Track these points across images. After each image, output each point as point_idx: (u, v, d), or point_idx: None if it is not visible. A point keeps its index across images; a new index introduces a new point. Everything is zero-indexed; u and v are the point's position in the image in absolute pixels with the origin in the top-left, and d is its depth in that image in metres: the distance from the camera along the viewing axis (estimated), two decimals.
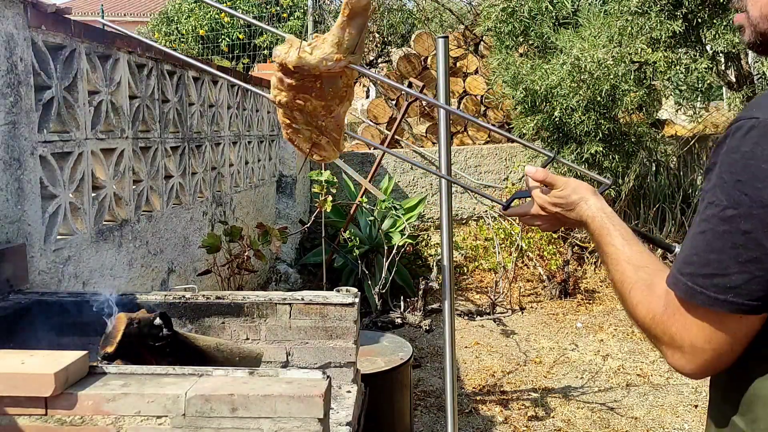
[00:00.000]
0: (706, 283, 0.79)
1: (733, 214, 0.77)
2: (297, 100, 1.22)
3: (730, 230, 0.77)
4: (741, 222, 0.76)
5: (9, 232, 1.85)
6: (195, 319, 1.80)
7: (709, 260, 0.79)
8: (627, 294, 0.92)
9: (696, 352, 0.82)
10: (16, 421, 1.14)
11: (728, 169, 0.78)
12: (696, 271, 0.80)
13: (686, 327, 0.82)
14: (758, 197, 0.75)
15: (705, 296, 0.79)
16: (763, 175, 0.74)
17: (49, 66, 2.07)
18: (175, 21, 9.68)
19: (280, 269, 5.19)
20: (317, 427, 1.16)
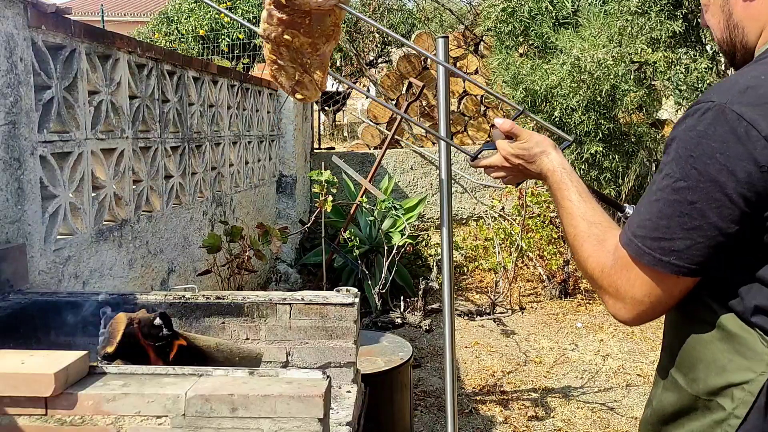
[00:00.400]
0: (654, 246, 0.87)
1: (683, 185, 0.85)
2: (285, 35, 1.25)
3: (679, 200, 0.85)
4: (689, 193, 0.84)
5: (9, 232, 1.85)
6: (195, 319, 1.80)
7: (659, 225, 0.87)
8: (579, 247, 0.99)
9: (635, 303, 0.92)
10: (16, 421, 1.14)
11: (684, 145, 0.85)
12: (647, 234, 0.88)
13: (630, 282, 0.91)
14: (706, 172, 0.82)
15: (651, 257, 0.88)
16: (711, 152, 0.82)
17: (49, 66, 2.07)
18: (175, 21, 9.68)
19: (280, 269, 5.19)
20: (317, 427, 1.16)
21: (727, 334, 0.90)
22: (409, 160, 6.31)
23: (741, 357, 0.88)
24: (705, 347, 0.92)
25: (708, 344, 0.92)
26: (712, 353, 0.91)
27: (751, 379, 0.87)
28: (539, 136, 1.20)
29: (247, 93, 4.53)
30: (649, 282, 0.90)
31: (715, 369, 0.91)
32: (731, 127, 0.82)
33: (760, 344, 0.87)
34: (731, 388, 0.89)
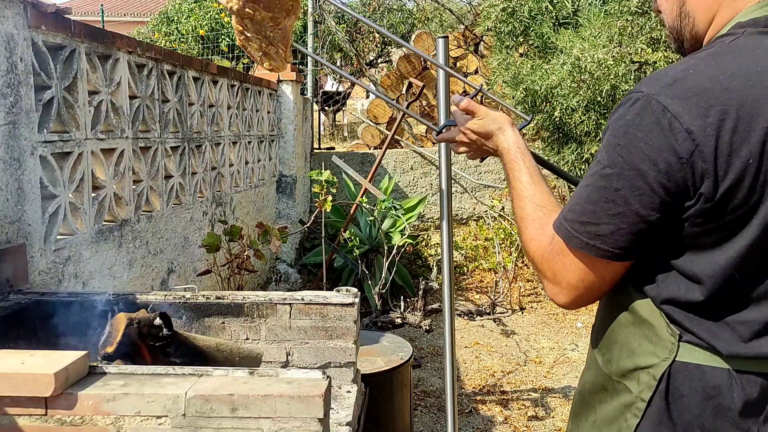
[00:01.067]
0: (581, 230, 0.90)
1: (609, 172, 0.87)
2: (246, 8, 1.31)
3: (605, 186, 0.88)
4: (615, 180, 0.87)
5: (9, 232, 1.85)
6: (195, 319, 1.80)
7: (586, 210, 0.90)
8: (525, 229, 1.02)
9: (571, 288, 0.94)
10: (16, 421, 1.14)
11: (613, 133, 0.88)
12: (575, 218, 0.91)
13: (566, 267, 0.93)
14: (631, 161, 0.85)
15: (579, 240, 0.91)
16: (636, 141, 0.84)
17: (49, 66, 2.07)
18: (175, 21, 9.68)
19: (280, 269, 5.19)
20: (317, 427, 1.16)
21: (639, 319, 0.93)
22: (409, 160, 6.31)
23: (649, 342, 0.92)
24: (621, 330, 0.96)
25: (623, 327, 0.96)
26: (626, 336, 0.96)
27: (655, 363, 0.91)
28: (496, 114, 1.21)
29: (247, 93, 4.53)
30: (582, 267, 0.92)
31: (627, 351, 0.95)
32: (656, 118, 0.83)
33: (666, 331, 0.90)
34: (638, 371, 0.93)
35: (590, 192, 0.90)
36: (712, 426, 0.90)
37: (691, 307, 0.90)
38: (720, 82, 0.83)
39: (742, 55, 0.86)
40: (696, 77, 0.84)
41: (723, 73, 0.83)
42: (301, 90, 5.91)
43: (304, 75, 6.54)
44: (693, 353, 0.90)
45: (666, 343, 0.91)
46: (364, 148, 6.77)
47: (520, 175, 1.08)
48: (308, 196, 6.12)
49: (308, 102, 6.37)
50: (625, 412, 0.95)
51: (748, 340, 0.88)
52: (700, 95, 0.82)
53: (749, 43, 0.87)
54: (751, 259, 0.86)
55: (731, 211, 0.84)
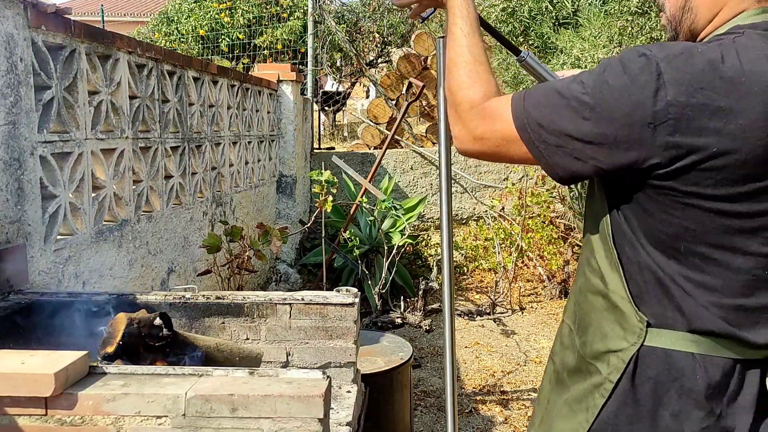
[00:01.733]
0: (535, 128, 0.95)
1: (586, 100, 0.91)
2: None
3: (576, 108, 0.91)
4: (587, 111, 0.90)
5: (9, 232, 1.85)
6: (195, 319, 1.80)
7: (549, 116, 0.94)
8: (457, 72, 1.05)
9: (483, 144, 1.01)
10: (16, 421, 1.14)
11: (610, 71, 0.91)
12: (536, 116, 0.95)
13: (491, 130, 1.00)
14: (608, 102, 0.89)
15: (528, 135, 0.95)
16: (624, 90, 0.88)
17: (49, 66, 2.07)
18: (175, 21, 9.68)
19: (280, 269, 5.19)
20: (317, 427, 1.16)
21: (612, 305, 0.99)
22: (409, 160, 6.31)
23: (620, 327, 0.97)
24: (596, 314, 1.02)
25: (598, 312, 1.01)
26: (599, 321, 1.01)
27: (625, 347, 0.96)
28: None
29: (247, 93, 4.53)
30: (509, 141, 0.98)
31: (600, 335, 1.00)
32: (650, 79, 0.87)
33: (635, 317, 0.96)
34: (609, 354, 0.98)
35: (561, 105, 0.93)
36: (677, 407, 0.94)
37: (660, 282, 0.95)
38: (718, 69, 0.86)
39: (742, 53, 0.88)
40: (700, 58, 0.87)
41: (722, 64, 0.87)
42: (301, 90, 5.91)
43: (304, 75, 6.54)
44: (660, 338, 0.95)
45: (635, 329, 0.96)
46: (364, 148, 6.77)
47: (461, 23, 1.10)
48: (308, 196, 6.12)
49: (308, 102, 6.37)
50: (594, 391, 1.00)
51: (715, 320, 0.93)
52: (696, 75, 0.86)
53: (751, 43, 0.90)
54: (703, 236, 0.91)
55: (677, 188, 0.89)
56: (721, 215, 0.90)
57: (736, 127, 0.85)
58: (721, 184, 0.88)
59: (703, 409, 0.93)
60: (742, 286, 0.93)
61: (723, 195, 0.89)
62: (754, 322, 0.93)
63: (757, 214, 0.90)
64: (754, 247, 0.92)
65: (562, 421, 1.04)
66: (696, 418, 0.93)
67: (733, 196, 0.89)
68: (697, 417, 0.93)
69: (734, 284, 0.93)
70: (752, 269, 0.92)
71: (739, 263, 0.92)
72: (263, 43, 8.98)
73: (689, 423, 0.94)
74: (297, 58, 8.70)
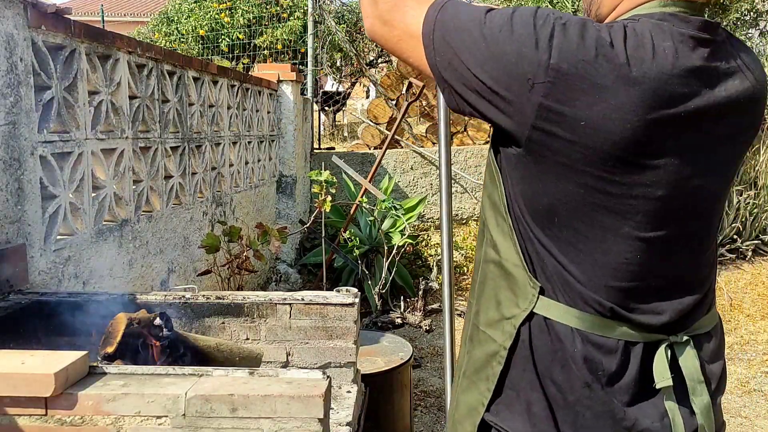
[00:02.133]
0: (440, 40, 0.95)
1: (485, 33, 0.92)
2: None
3: (476, 38, 0.92)
4: (482, 42, 0.92)
5: (9, 232, 1.85)
6: (195, 319, 1.80)
7: (457, 34, 0.94)
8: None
9: (386, 27, 1.02)
10: (16, 421, 1.15)
11: (516, 14, 0.92)
12: (445, 29, 0.95)
13: (402, 19, 1.00)
14: (500, 43, 0.90)
15: (429, 41, 0.96)
16: (517, 37, 0.90)
17: (49, 66, 2.07)
18: (175, 21, 9.68)
19: (280, 269, 5.19)
20: (317, 427, 1.16)
21: (506, 273, 1.00)
22: (409, 160, 6.31)
23: (512, 294, 0.99)
24: (490, 282, 1.03)
25: (492, 280, 1.03)
26: (494, 288, 1.02)
27: (516, 314, 0.98)
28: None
29: (247, 93, 4.53)
30: (412, 38, 0.98)
31: (494, 303, 1.02)
32: (544, 38, 0.89)
33: (528, 284, 0.97)
34: (502, 321, 1.00)
35: (466, 30, 0.94)
36: (560, 377, 0.96)
37: (539, 255, 0.97)
38: (604, 48, 0.89)
39: (630, 38, 0.92)
40: (592, 33, 0.90)
41: (609, 44, 0.90)
42: (301, 90, 5.91)
43: (304, 75, 6.54)
44: (549, 308, 0.97)
45: (527, 295, 0.97)
46: (364, 148, 6.77)
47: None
48: (308, 196, 6.12)
49: (308, 102, 6.37)
50: (491, 360, 1.01)
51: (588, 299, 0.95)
52: (583, 49, 0.89)
53: (641, 29, 0.94)
54: (574, 211, 0.93)
55: (549, 157, 0.91)
56: (591, 192, 0.92)
57: (608, 107, 0.87)
58: (592, 160, 0.90)
59: (583, 382, 0.95)
60: (614, 268, 0.94)
61: (593, 173, 0.90)
62: (632, 305, 0.96)
63: (627, 196, 0.92)
64: (626, 230, 0.93)
65: (465, 395, 1.06)
66: (576, 389, 0.96)
67: (603, 175, 0.90)
68: (578, 389, 0.96)
69: (607, 265, 0.94)
70: (624, 252, 0.94)
71: (610, 245, 0.94)
72: (263, 43, 8.98)
73: (571, 393, 0.96)
74: (297, 58, 8.70)
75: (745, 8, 4.83)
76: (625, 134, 0.88)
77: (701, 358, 1.01)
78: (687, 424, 0.98)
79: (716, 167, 0.97)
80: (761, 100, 1.00)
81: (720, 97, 0.93)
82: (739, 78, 0.96)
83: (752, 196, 5.35)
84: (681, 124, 0.91)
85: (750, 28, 5.14)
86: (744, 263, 5.30)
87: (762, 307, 4.61)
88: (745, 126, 0.99)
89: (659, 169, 0.91)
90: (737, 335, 4.23)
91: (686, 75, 0.91)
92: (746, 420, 3.23)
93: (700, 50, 0.93)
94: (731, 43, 0.99)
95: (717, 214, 1.03)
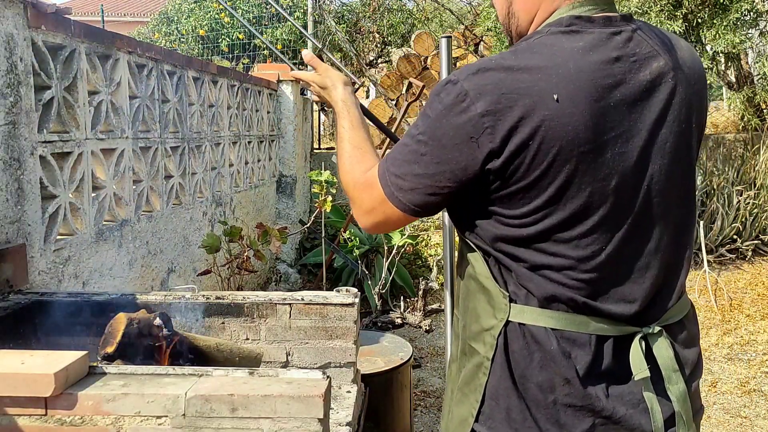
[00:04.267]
0: (393, 181, 1.05)
1: (421, 139, 1.00)
2: None
3: (416, 150, 1.01)
4: (422, 147, 1.00)
5: (9, 232, 1.85)
6: (195, 319, 1.80)
7: (398, 164, 1.04)
8: (342, 163, 1.20)
9: (372, 216, 1.11)
10: (16, 421, 1.14)
11: (429, 106, 1.01)
12: (393, 170, 1.05)
13: (374, 198, 1.09)
14: (435, 133, 0.98)
15: (389, 189, 1.06)
16: (443, 118, 0.97)
17: (49, 66, 2.07)
18: (175, 21, 9.69)
19: (280, 269, 5.19)
20: (317, 427, 1.16)
21: (482, 287, 1.07)
22: None
23: (490, 306, 1.05)
24: (471, 297, 1.10)
25: (472, 295, 1.09)
26: (474, 303, 1.08)
27: (494, 324, 1.04)
28: (334, 73, 1.39)
29: (247, 93, 4.53)
30: (385, 206, 1.08)
31: (475, 316, 1.08)
32: (459, 100, 0.96)
33: (500, 294, 1.03)
34: (483, 333, 1.06)
35: (405, 151, 1.03)
36: (539, 377, 1.01)
37: (505, 265, 1.04)
38: (514, 73, 0.95)
39: (538, 52, 0.97)
40: (496, 67, 0.96)
41: (519, 66, 0.95)
42: (301, 90, 5.91)
43: None
44: (522, 314, 1.02)
45: (501, 306, 1.03)
46: None
47: (344, 123, 1.27)
48: (308, 196, 6.12)
49: (308, 102, 6.37)
50: (477, 371, 1.07)
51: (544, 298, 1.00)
52: (496, 84, 0.94)
53: (548, 41, 0.99)
54: (543, 230, 0.98)
55: (515, 182, 0.97)
56: (538, 221, 0.98)
57: (538, 121, 0.93)
58: (545, 171, 0.95)
59: (563, 378, 1.00)
60: (582, 263, 0.99)
61: (551, 183, 0.96)
62: (604, 297, 1.00)
63: (584, 195, 0.97)
64: (589, 225, 0.98)
65: (458, 407, 1.12)
66: (557, 387, 1.00)
67: (562, 183, 0.96)
68: (558, 386, 1.00)
69: (576, 260, 0.99)
70: (590, 246, 0.98)
71: (576, 241, 0.99)
72: (263, 43, 8.98)
73: (552, 393, 1.00)
74: (297, 58, 8.69)
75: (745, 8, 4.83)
76: (568, 137, 0.93)
77: (675, 347, 1.05)
78: (664, 411, 1.02)
79: (663, 148, 1.01)
80: (689, 78, 1.05)
81: (644, 80, 0.98)
82: (659, 60, 1.01)
83: (752, 196, 5.35)
84: (614, 113, 0.96)
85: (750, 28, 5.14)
86: (744, 263, 5.30)
87: (762, 307, 4.61)
88: (680, 104, 1.03)
89: (607, 161, 0.96)
90: (737, 335, 4.23)
91: (605, 67, 0.96)
92: (746, 420, 3.23)
93: (613, 41, 0.99)
94: (644, 30, 1.04)
95: (680, 196, 1.06)
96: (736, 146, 6.27)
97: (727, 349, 4.06)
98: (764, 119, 6.24)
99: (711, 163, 5.78)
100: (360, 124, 1.27)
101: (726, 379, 3.67)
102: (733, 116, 7.33)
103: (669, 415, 1.03)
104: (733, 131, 7.02)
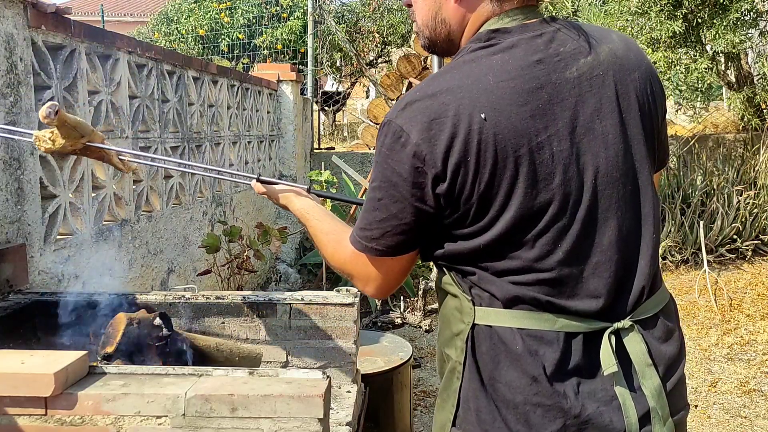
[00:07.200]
0: (362, 235, 1.08)
1: (375, 185, 1.04)
2: None
3: (374, 197, 1.05)
4: (378, 192, 1.03)
5: (9, 232, 1.85)
6: (195, 319, 1.80)
7: (364, 219, 1.07)
8: (325, 252, 1.24)
9: (370, 281, 1.12)
10: (16, 421, 1.15)
11: (378, 152, 1.03)
12: (360, 226, 1.08)
13: (363, 265, 1.11)
14: (385, 175, 1.01)
15: (361, 245, 1.08)
16: (387, 159, 1.01)
17: (49, 66, 2.07)
18: (175, 21, 9.69)
19: (280, 269, 5.19)
20: (317, 427, 1.16)
21: (451, 294, 1.09)
22: None
23: (458, 312, 1.07)
24: (444, 305, 1.12)
25: (444, 303, 1.12)
26: (446, 310, 1.11)
27: (463, 329, 1.06)
28: (285, 192, 1.45)
29: (247, 93, 4.53)
30: (371, 265, 1.10)
31: (447, 323, 1.10)
32: (396, 137, 0.99)
33: (466, 299, 1.05)
34: (454, 338, 1.08)
35: (366, 204, 1.07)
36: (507, 376, 1.01)
37: (465, 271, 1.06)
38: (438, 98, 0.98)
39: (458, 72, 1.00)
40: (421, 98, 0.99)
41: (441, 90, 0.98)
42: (300, 90, 5.91)
43: (304, 75, 6.54)
44: (488, 316, 1.03)
45: (468, 310, 1.05)
46: (364, 148, 6.77)
47: (310, 223, 1.31)
48: None
49: (308, 102, 6.37)
50: (452, 377, 1.08)
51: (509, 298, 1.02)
52: (423, 112, 0.98)
53: (468, 58, 1.02)
54: (496, 237, 1.00)
55: (465, 201, 0.98)
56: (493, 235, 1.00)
57: (468, 136, 0.95)
58: (486, 197, 0.97)
59: (530, 377, 1.00)
60: (542, 261, 1.00)
61: (489, 218, 0.99)
62: (567, 294, 1.00)
63: (534, 197, 0.98)
64: (543, 224, 0.99)
65: (438, 413, 1.13)
66: (525, 386, 1.01)
67: (515, 190, 0.97)
68: (526, 385, 1.00)
69: (535, 260, 1.00)
70: (547, 245, 0.99)
71: (533, 241, 1.00)
72: (263, 43, 8.98)
73: (520, 392, 1.01)
74: (297, 58, 8.70)
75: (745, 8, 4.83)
76: (500, 144, 0.96)
77: (648, 342, 1.04)
78: (639, 408, 1.01)
79: (605, 140, 1.01)
80: (624, 67, 1.04)
81: (572, 77, 0.99)
82: (586, 56, 1.02)
83: (752, 196, 5.35)
84: (545, 113, 0.97)
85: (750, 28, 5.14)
86: (744, 263, 5.30)
87: (762, 307, 4.61)
88: (617, 95, 1.02)
89: (547, 161, 0.97)
90: (737, 335, 4.23)
91: (526, 72, 0.97)
92: (746, 420, 3.23)
93: (533, 45, 1.00)
94: (568, 28, 1.05)
95: (635, 185, 1.05)
96: (736, 146, 6.27)
97: (727, 349, 4.06)
98: (764, 119, 6.24)
99: (711, 163, 5.78)
100: (323, 215, 1.32)
101: (726, 379, 3.67)
102: (733, 116, 7.32)
103: (644, 412, 1.02)
104: (733, 131, 7.02)
